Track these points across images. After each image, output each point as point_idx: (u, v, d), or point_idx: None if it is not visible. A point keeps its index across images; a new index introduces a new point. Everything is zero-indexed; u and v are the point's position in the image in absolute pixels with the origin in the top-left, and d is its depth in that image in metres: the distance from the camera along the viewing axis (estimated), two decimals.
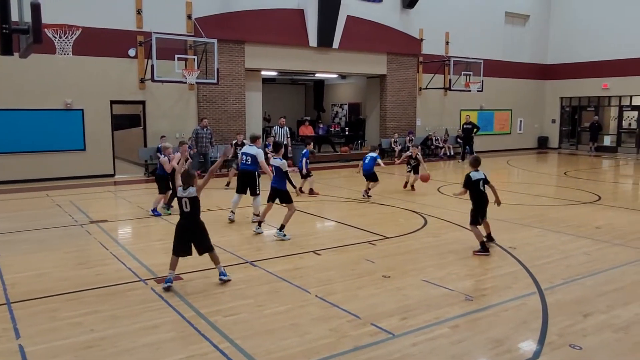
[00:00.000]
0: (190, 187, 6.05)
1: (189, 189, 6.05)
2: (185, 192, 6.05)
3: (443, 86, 22.49)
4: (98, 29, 14.93)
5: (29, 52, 7.51)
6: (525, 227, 9.28)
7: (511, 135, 26.27)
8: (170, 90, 16.48)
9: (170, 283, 5.97)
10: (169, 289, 5.93)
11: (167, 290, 5.90)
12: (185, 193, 6.05)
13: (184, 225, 6.10)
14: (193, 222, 6.11)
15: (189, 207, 6.05)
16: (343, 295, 5.84)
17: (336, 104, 27.97)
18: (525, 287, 6.08)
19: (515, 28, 25.74)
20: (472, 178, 7.58)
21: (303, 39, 18.84)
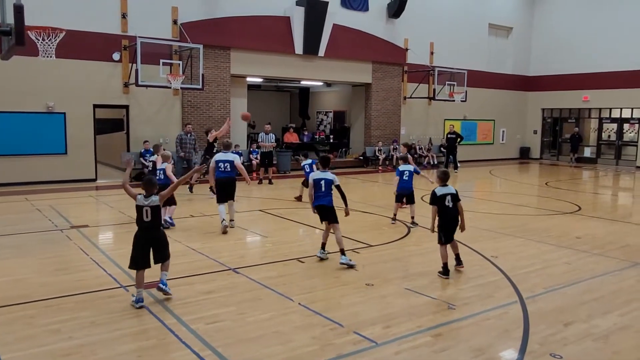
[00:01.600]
0: (152, 196, 5.72)
1: (151, 197, 5.70)
2: (147, 201, 5.68)
3: (427, 96, 22.70)
4: (82, 32, 14.79)
5: (12, 54, 7.42)
6: (507, 236, 9.36)
7: (494, 146, 26.57)
8: (155, 95, 16.37)
9: (142, 302, 5.57)
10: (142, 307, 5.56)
11: (140, 308, 5.54)
12: (147, 202, 5.67)
13: (145, 236, 5.73)
14: (155, 233, 5.79)
15: (149, 217, 5.67)
16: (326, 303, 5.82)
17: (321, 112, 28.05)
18: (507, 296, 6.13)
19: (498, 39, 26.13)
20: (437, 194, 6.93)
21: (289, 46, 18.88)
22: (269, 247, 8.48)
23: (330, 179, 7.41)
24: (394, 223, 10.19)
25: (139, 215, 5.73)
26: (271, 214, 11.09)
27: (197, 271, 6.92)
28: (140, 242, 5.74)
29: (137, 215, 5.75)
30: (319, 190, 7.39)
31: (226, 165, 9.41)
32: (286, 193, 14.14)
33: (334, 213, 7.46)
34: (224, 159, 9.46)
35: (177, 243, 8.45)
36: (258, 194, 14.21)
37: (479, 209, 12.37)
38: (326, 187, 7.38)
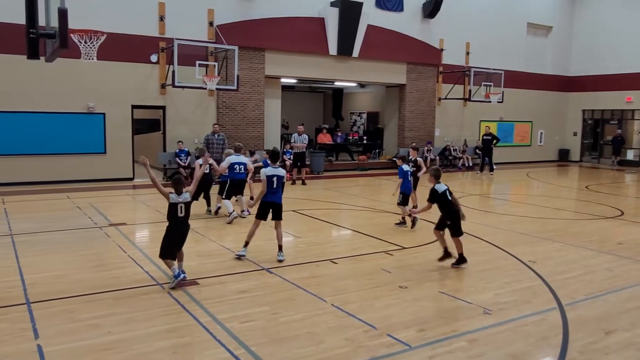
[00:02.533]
0: (184, 193, 6.27)
1: (183, 195, 6.25)
2: (180, 198, 6.23)
3: (463, 97, 22.35)
4: (122, 34, 15.15)
5: (55, 56, 7.65)
6: (546, 240, 9.13)
7: (531, 148, 25.97)
8: (190, 96, 16.64)
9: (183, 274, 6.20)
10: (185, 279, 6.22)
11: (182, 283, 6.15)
12: (180, 198, 6.23)
13: (181, 230, 6.32)
14: (187, 227, 6.40)
15: (183, 212, 6.24)
16: (359, 304, 5.79)
17: (355, 113, 27.97)
18: (545, 302, 5.97)
19: (537, 39, 25.52)
20: (439, 191, 7.25)
21: (323, 47, 18.90)
22: (302, 247, 8.50)
23: (282, 175, 7.50)
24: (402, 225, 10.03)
25: (174, 211, 6.22)
26: (304, 215, 11.11)
27: (231, 270, 6.99)
28: (178, 236, 6.30)
29: (171, 211, 6.24)
30: (272, 187, 7.37)
31: (241, 167, 10.34)
32: (319, 194, 14.16)
33: (281, 210, 7.57)
34: (237, 161, 10.33)
35: (211, 242, 8.57)
36: (291, 195, 14.26)
37: (516, 212, 12.11)
38: (278, 184, 7.44)
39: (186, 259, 6.61)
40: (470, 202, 13.33)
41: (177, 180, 6.35)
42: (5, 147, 14.32)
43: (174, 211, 6.21)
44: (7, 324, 5.10)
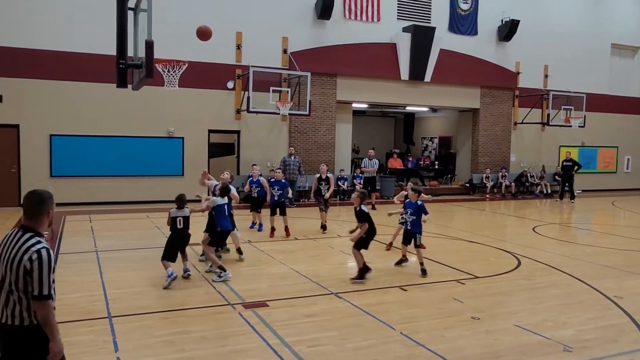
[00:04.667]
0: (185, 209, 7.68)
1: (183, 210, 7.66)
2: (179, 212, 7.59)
3: (540, 121, 21.52)
4: (201, 62, 15.92)
5: (141, 85, 8.17)
6: (635, 275, 8.50)
7: (617, 174, 24.45)
8: (264, 120, 17.13)
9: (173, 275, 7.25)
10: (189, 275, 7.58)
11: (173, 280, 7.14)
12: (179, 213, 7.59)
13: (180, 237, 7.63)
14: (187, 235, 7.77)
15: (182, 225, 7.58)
16: (429, 334, 5.63)
17: (426, 137, 27.62)
18: (633, 342, 5.54)
19: (622, 60, 24.22)
20: (365, 211, 7.78)
21: (395, 72, 18.92)
22: (371, 273, 8.41)
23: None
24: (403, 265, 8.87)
25: (174, 223, 7.55)
26: (374, 240, 11.00)
27: (300, 294, 7.03)
28: (174, 242, 7.57)
29: (172, 223, 7.55)
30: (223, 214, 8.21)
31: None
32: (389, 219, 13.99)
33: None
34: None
35: (281, 265, 8.68)
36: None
37: (600, 243, 11.40)
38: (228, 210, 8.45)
39: (256, 281, 6.73)
40: (550, 232, 12.70)
41: (179, 198, 7.64)
42: (92, 169, 15.36)
43: (174, 223, 7.53)
44: (92, 335, 5.40)
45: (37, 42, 14.60)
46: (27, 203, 3.17)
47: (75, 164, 15.27)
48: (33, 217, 3.14)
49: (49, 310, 3.03)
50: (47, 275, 3.00)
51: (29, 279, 2.99)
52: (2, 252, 3.12)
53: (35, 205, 3.15)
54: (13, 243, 3.08)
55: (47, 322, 3.03)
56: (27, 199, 3.18)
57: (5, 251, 3.09)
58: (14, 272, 3.01)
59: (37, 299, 2.99)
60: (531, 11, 21.34)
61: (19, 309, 3.04)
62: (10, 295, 3.05)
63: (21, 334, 3.06)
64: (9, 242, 3.11)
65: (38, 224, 3.15)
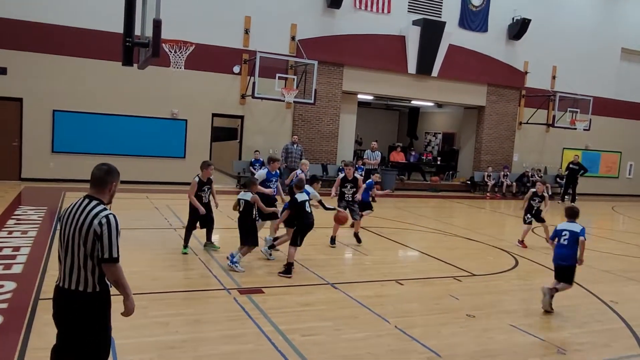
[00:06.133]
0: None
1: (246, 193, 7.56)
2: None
3: (546, 122, 21.42)
4: (208, 45, 15.81)
5: (147, 64, 8.09)
6: (631, 280, 8.49)
7: (619, 180, 24.39)
8: (268, 107, 17.05)
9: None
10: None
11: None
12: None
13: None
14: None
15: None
16: (424, 329, 5.62)
17: (430, 133, 27.53)
18: (627, 348, 5.53)
19: (632, 65, 24.01)
20: (298, 200, 7.46)
21: (402, 66, 18.80)
22: (368, 265, 8.40)
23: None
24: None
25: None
26: (372, 232, 11.00)
27: (296, 282, 7.02)
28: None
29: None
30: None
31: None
32: (389, 212, 13.99)
33: None
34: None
35: (277, 253, 8.65)
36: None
37: (598, 247, 11.37)
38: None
39: (253, 268, 6.69)
40: (542, 234, 12.67)
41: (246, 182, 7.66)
42: (94, 146, 15.30)
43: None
44: None
45: (44, 16, 14.48)
46: (94, 173, 3.34)
47: (77, 140, 15.21)
48: (98, 188, 3.32)
49: (120, 272, 3.24)
50: (115, 239, 3.19)
51: (98, 244, 3.16)
52: (68, 219, 3.26)
53: (101, 176, 3.32)
54: (80, 210, 3.24)
55: (119, 283, 3.26)
56: (96, 170, 3.35)
57: (72, 218, 3.24)
58: (83, 237, 3.17)
59: (107, 261, 3.17)
60: (542, 10, 21.14)
61: (84, 275, 3.19)
62: (77, 260, 3.19)
63: (84, 299, 3.20)
64: (75, 209, 3.28)
65: (102, 194, 3.33)
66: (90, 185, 3.34)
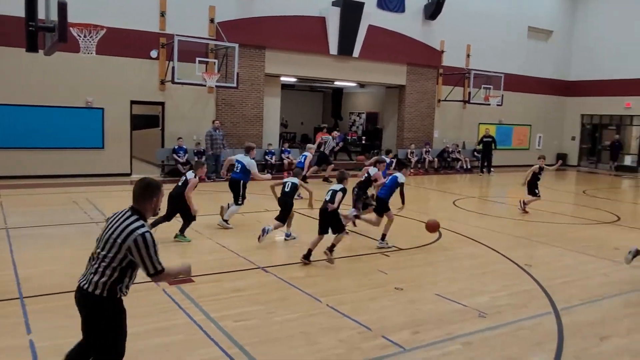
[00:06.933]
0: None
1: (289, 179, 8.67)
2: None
3: (462, 99, 22.36)
4: (122, 29, 15.09)
5: (54, 50, 7.61)
6: (543, 245, 9.13)
7: (529, 151, 25.96)
8: (190, 92, 16.59)
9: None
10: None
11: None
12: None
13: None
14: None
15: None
16: (354, 305, 5.77)
17: (354, 113, 27.97)
18: (541, 307, 5.96)
19: (538, 43, 25.50)
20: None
21: (323, 47, 18.87)
22: (298, 247, 8.46)
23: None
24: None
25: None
26: (301, 214, 11.07)
27: (226, 268, 6.96)
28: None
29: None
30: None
31: (237, 166, 9.63)
32: (316, 193, 14.10)
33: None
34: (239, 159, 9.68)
35: (207, 240, 8.54)
36: None
37: (513, 215, 12.11)
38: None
39: (181, 257, 6.59)
40: (468, 205, 13.34)
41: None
42: (3, 140, 14.26)
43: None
44: (1, 319, 5.07)
45: None
46: (135, 188, 3.53)
47: None
48: (138, 201, 3.50)
49: (169, 275, 3.64)
50: (154, 254, 3.38)
51: (138, 260, 3.37)
52: (109, 226, 3.45)
53: (140, 191, 3.50)
54: (120, 220, 3.42)
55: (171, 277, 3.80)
56: (136, 185, 3.54)
57: (111, 226, 3.42)
58: (116, 248, 3.33)
59: (154, 275, 3.45)
60: None
61: (103, 281, 3.36)
62: (102, 265, 3.36)
63: (98, 302, 3.40)
64: (117, 219, 3.46)
65: (143, 208, 3.50)
66: (132, 199, 3.51)
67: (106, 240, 3.38)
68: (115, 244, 3.33)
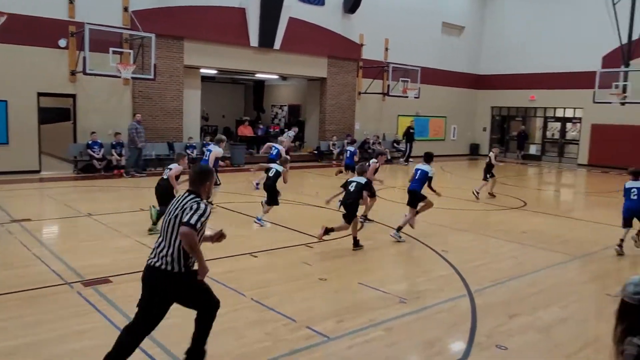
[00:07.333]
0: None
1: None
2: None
3: (382, 91, 22.94)
4: (26, 16, 14.10)
5: None
6: (458, 231, 9.61)
7: (445, 142, 27.17)
8: (104, 84, 15.81)
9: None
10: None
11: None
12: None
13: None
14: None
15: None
16: (279, 298, 5.80)
17: (276, 105, 27.90)
18: (456, 290, 6.29)
19: (451, 38, 26.66)
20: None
21: (244, 39, 18.65)
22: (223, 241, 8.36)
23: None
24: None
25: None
26: (224, 208, 10.95)
27: None
28: None
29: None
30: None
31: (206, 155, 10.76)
32: (239, 187, 14.00)
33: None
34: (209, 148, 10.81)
35: (126, 238, 8.23)
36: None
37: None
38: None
39: (97, 256, 6.31)
40: (389, 195, 13.74)
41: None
42: None
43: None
44: None
45: None
46: (190, 174, 4.08)
47: None
48: (195, 184, 3.97)
49: (195, 239, 3.73)
50: (199, 216, 3.73)
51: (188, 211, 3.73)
52: (171, 208, 3.89)
53: (195, 176, 4.00)
54: (181, 201, 3.87)
55: (194, 249, 3.76)
56: (192, 171, 4.10)
57: (173, 207, 3.87)
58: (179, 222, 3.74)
59: (185, 224, 3.68)
60: None
61: (172, 257, 3.78)
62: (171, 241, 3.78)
63: (168, 277, 3.81)
64: (178, 201, 3.91)
65: (199, 190, 3.96)
66: (188, 183, 4.01)
67: (169, 221, 3.83)
68: (177, 219, 3.77)
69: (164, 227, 3.86)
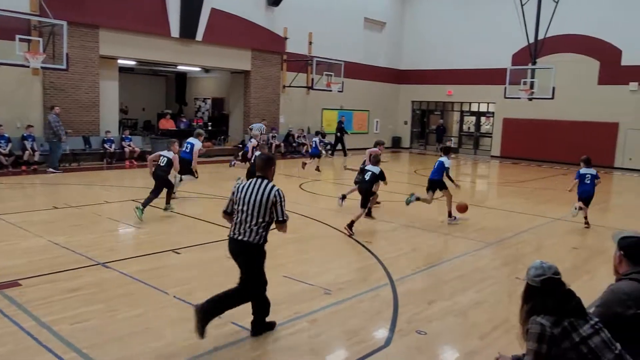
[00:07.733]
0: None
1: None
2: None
3: (306, 85, 23.02)
4: None
5: None
6: (380, 222, 9.87)
7: (368, 135, 27.72)
8: (10, 74, 14.70)
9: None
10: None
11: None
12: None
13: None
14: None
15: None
16: (203, 294, 5.63)
17: (199, 98, 27.24)
18: (379, 279, 6.47)
19: (373, 33, 27.21)
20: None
21: (164, 29, 18.03)
22: (143, 238, 8.10)
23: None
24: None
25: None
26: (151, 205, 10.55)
27: (61, 267, 6.39)
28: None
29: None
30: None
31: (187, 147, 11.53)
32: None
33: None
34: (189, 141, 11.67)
35: (37, 238, 7.75)
36: (131, 183, 13.50)
37: (353, 196, 12.83)
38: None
39: (4, 259, 5.91)
40: (313, 188, 13.87)
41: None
42: None
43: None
44: None
45: None
46: (258, 162, 4.76)
47: None
48: (263, 171, 4.67)
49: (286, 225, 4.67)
50: (284, 207, 4.58)
51: (275, 209, 4.53)
52: (248, 190, 4.57)
53: (262, 163, 4.71)
54: (257, 186, 4.57)
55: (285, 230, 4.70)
56: (258, 159, 4.79)
57: (252, 190, 4.56)
58: (264, 203, 4.50)
59: (282, 222, 4.60)
60: None
61: (256, 230, 4.52)
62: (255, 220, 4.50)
63: (254, 248, 4.55)
64: (254, 185, 4.59)
65: (267, 174, 4.67)
66: (257, 170, 4.71)
67: (253, 201, 4.50)
68: (262, 201, 4.48)
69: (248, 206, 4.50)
